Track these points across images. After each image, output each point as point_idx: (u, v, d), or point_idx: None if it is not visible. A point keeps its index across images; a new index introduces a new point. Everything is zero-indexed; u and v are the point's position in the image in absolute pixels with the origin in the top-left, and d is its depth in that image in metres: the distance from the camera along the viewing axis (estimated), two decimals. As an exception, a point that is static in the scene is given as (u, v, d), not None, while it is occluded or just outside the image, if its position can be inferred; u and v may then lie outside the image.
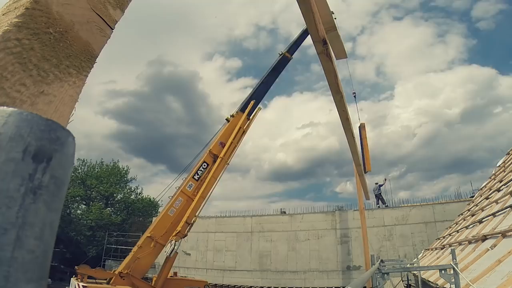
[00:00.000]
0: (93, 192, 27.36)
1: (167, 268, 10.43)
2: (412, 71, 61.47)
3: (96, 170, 28.64)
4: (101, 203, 27.03)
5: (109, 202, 28.53)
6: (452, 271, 4.56)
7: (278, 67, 12.67)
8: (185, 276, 14.19)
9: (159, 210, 30.99)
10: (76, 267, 10.50)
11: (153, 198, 31.78)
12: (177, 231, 9.99)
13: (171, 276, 11.09)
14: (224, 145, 11.21)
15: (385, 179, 18.84)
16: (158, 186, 58.43)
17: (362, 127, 13.06)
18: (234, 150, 11.47)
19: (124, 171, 29.91)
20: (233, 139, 11.31)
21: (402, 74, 61.95)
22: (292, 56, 12.89)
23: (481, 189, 11.91)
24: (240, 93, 75.24)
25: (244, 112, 11.79)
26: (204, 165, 11.07)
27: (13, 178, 0.29)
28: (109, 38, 0.97)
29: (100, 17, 0.92)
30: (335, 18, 14.29)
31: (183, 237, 10.34)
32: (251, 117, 12.00)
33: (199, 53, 76.57)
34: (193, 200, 10.50)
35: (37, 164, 0.31)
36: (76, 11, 0.84)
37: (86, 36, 0.87)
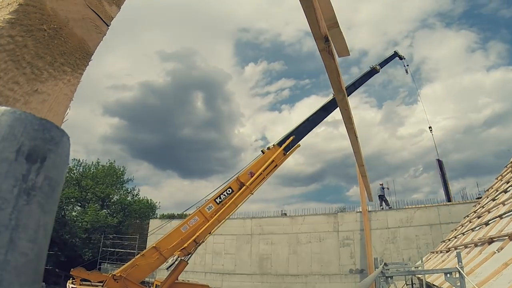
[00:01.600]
0: (88, 194, 27.34)
1: (175, 275, 10.58)
2: (448, 75, 61.69)
3: (92, 170, 28.63)
4: (96, 204, 27.01)
5: (105, 203, 28.52)
6: (457, 275, 4.56)
7: (329, 107, 12.24)
8: (187, 280, 14.28)
9: (156, 212, 31.09)
10: (73, 269, 10.57)
11: (150, 199, 31.85)
12: (183, 248, 10.14)
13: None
14: (253, 175, 11.31)
15: (388, 187, 18.80)
16: (171, 189, 59.05)
17: (440, 163, 12.89)
18: (261, 182, 11.50)
19: (120, 172, 29.91)
20: (263, 170, 11.35)
21: (437, 78, 62.24)
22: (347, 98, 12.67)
23: (488, 190, 11.91)
24: (271, 98, 75.26)
25: (281, 147, 11.71)
26: (229, 191, 11.21)
27: (6, 179, 0.29)
28: (105, 35, 0.97)
29: (96, 13, 0.92)
30: (407, 66, 15.84)
31: (188, 255, 10.49)
32: (287, 153, 11.84)
33: (238, 57, 76.92)
34: (209, 221, 10.70)
35: (30, 165, 0.31)
36: (71, 7, 0.84)
37: (81, 33, 0.87)
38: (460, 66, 59.88)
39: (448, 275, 4.69)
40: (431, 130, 18.01)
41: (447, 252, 8.70)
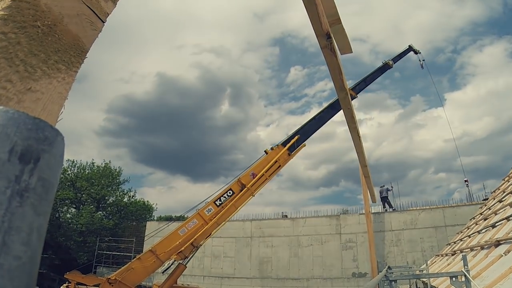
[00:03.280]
0: (83, 195, 27.33)
1: (173, 279, 10.62)
2: (482, 79, 61.70)
3: (87, 171, 28.62)
4: (92, 206, 27.01)
5: (100, 205, 28.51)
6: (463, 279, 4.56)
7: (337, 105, 11.81)
8: (187, 284, 14.33)
9: (153, 214, 31.10)
10: (67, 273, 10.61)
11: (147, 201, 31.87)
12: (180, 251, 10.20)
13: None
14: (255, 176, 11.25)
15: (392, 187, 18.88)
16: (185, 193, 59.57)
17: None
18: (264, 183, 11.41)
19: (116, 173, 29.90)
20: (266, 171, 11.27)
21: (471, 83, 62.36)
22: (357, 95, 12.74)
23: (494, 191, 11.91)
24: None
25: (285, 147, 11.59)
26: (229, 193, 11.15)
27: (-2, 180, 0.29)
28: (101, 31, 0.97)
29: (91, 9, 0.92)
30: (423, 61, 15.70)
31: (185, 259, 10.51)
32: (292, 153, 11.72)
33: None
34: (207, 224, 10.70)
35: (24, 165, 0.31)
36: (65, 3, 0.84)
37: (76, 29, 0.87)
38: (497, 70, 59.63)
39: (454, 278, 4.69)
40: (467, 185, 17.69)
41: (452, 255, 8.70)
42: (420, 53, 16.34)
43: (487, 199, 13.54)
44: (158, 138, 62.64)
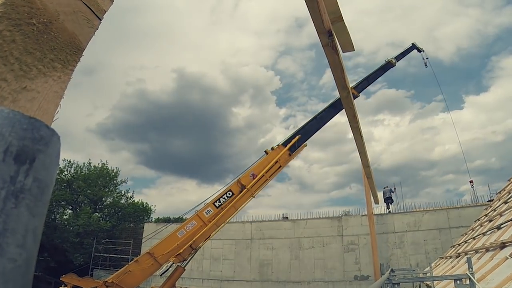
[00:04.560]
0: (80, 196, 27.33)
1: (171, 282, 10.67)
2: (507, 82, 62.03)
3: (84, 172, 28.63)
4: (89, 207, 26.98)
5: (97, 206, 28.51)
6: (468, 282, 4.56)
7: (339, 105, 11.82)
8: (185, 287, 14.38)
9: (151, 216, 31.12)
10: (63, 276, 10.62)
11: (145, 202, 31.88)
12: (178, 253, 10.24)
13: None
14: (255, 177, 11.26)
15: (395, 188, 18.92)
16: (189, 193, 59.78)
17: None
18: (264, 184, 11.44)
19: (113, 173, 29.90)
20: (266, 172, 11.30)
21: (494, 85, 62.77)
22: (359, 94, 12.85)
23: (500, 192, 11.91)
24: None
25: (285, 147, 11.63)
26: (229, 194, 11.15)
27: (-7, 180, 0.29)
28: (97, 29, 0.96)
29: (88, 6, 0.92)
30: (426, 58, 15.95)
31: (183, 261, 10.54)
32: (293, 154, 11.76)
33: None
34: (207, 226, 10.72)
35: (19, 166, 0.31)
36: (62, 0, 0.84)
37: (72, 27, 0.87)
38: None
39: (458, 281, 4.68)
40: (472, 186, 17.82)
41: (457, 257, 8.70)
42: (423, 51, 16.37)
43: (492, 200, 13.54)
44: (172, 139, 62.64)
